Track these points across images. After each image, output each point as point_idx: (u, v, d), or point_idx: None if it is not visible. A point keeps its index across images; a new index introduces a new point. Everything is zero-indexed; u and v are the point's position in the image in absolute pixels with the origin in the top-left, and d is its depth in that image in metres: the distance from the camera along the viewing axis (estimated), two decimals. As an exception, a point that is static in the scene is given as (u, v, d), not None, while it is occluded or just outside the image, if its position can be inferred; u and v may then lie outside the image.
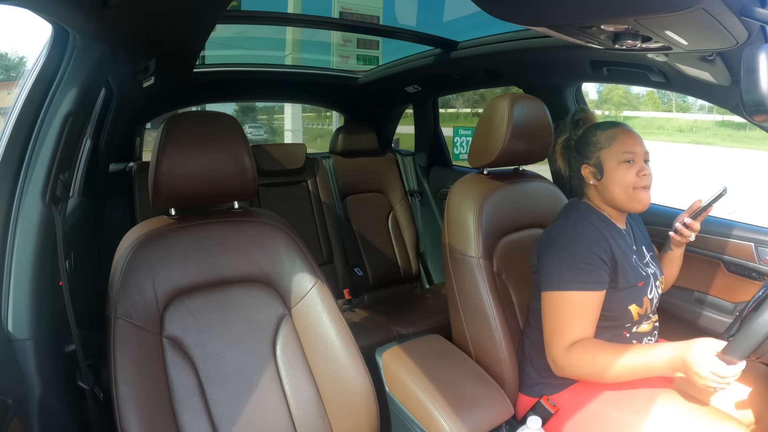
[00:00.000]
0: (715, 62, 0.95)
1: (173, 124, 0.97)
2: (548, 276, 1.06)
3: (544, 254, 1.09)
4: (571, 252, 1.04)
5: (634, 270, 1.08)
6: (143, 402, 0.84)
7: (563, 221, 1.11)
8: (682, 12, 0.60)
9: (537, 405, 1.14)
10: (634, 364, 0.95)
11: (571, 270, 1.03)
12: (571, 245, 1.04)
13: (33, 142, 0.88)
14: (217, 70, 2.07)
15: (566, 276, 1.03)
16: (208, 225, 1.03)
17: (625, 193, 1.07)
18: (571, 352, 1.01)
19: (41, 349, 0.87)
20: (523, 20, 0.81)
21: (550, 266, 1.06)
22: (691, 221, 1.14)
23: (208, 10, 1.06)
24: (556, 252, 1.06)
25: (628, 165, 1.07)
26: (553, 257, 1.06)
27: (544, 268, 1.07)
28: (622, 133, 1.09)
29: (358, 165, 2.40)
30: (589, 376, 1.01)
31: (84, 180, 1.53)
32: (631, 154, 1.07)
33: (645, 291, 1.09)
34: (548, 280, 1.06)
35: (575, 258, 1.03)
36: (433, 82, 2.20)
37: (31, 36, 0.96)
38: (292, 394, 1.00)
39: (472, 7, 0.80)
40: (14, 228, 0.86)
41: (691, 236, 1.16)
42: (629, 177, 1.06)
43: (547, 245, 1.09)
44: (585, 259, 1.03)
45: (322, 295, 1.04)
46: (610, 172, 1.08)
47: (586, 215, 1.10)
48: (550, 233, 1.11)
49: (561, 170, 1.23)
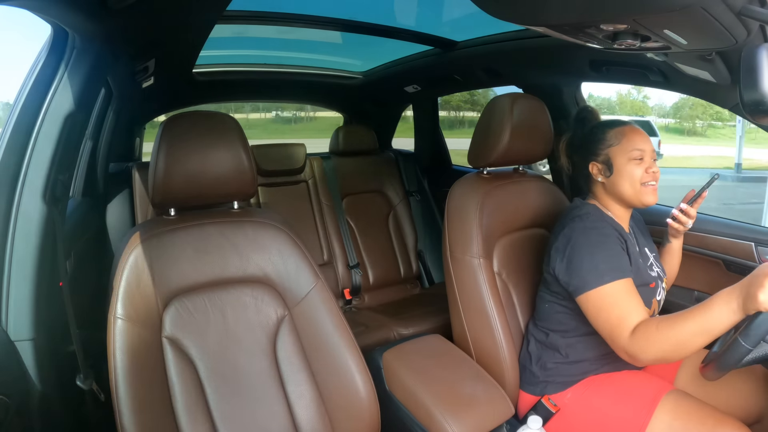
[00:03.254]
0: (715, 61, 0.95)
1: (173, 124, 0.97)
2: (582, 278, 1.02)
3: (570, 258, 1.04)
4: (595, 247, 1.02)
5: (644, 270, 1.09)
6: (143, 402, 0.84)
7: (576, 222, 1.08)
8: (681, 11, 0.60)
9: (538, 404, 1.14)
10: (696, 315, 0.86)
11: (604, 263, 1.01)
12: (593, 241, 1.03)
13: (33, 142, 0.88)
14: (216, 70, 2.07)
15: (601, 270, 1.00)
16: (207, 225, 1.03)
17: (633, 188, 1.08)
18: (635, 337, 0.94)
19: (41, 349, 0.87)
20: (522, 20, 0.81)
21: (580, 268, 1.02)
22: (687, 207, 1.15)
23: (208, 10, 1.06)
24: (580, 252, 1.03)
25: (638, 162, 1.08)
26: (580, 258, 1.03)
27: (576, 273, 1.03)
28: (631, 131, 1.10)
29: (358, 165, 2.39)
30: (665, 350, 0.91)
31: (84, 180, 1.53)
32: (640, 151, 1.08)
33: (654, 293, 1.10)
34: (583, 282, 1.02)
35: (602, 251, 1.02)
36: (433, 82, 2.20)
37: (31, 36, 0.96)
38: (293, 394, 1.00)
39: (471, 7, 0.80)
40: (14, 228, 0.86)
41: (688, 223, 1.17)
42: (638, 173, 1.08)
43: (565, 249, 1.06)
44: (611, 250, 1.03)
45: (322, 296, 1.04)
46: (620, 168, 1.09)
47: (596, 213, 1.10)
48: (565, 236, 1.07)
49: (563, 168, 1.23)
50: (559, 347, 1.14)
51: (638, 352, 0.94)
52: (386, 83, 2.38)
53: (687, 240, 1.32)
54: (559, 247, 1.08)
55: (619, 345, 0.97)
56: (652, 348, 0.91)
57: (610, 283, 0.99)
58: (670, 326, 0.89)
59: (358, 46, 2.08)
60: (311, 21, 1.67)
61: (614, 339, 0.98)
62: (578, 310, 1.07)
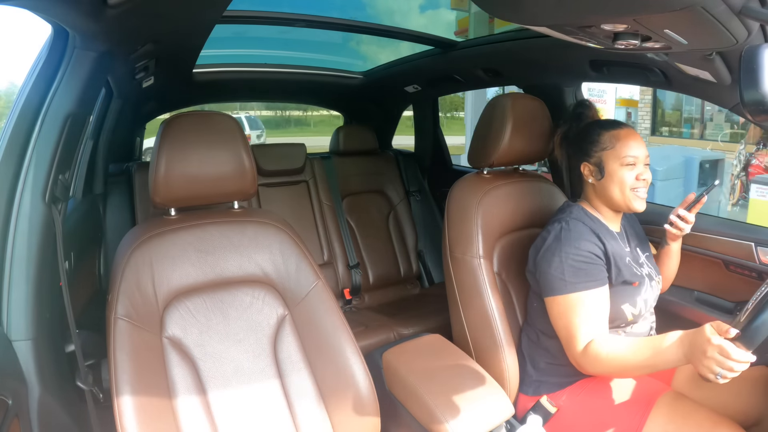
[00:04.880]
0: (715, 61, 0.95)
1: (173, 124, 0.97)
2: (550, 282, 1.05)
3: (542, 259, 1.08)
4: (567, 254, 1.04)
5: (628, 269, 1.08)
6: (143, 402, 0.84)
7: (556, 225, 1.10)
8: (682, 11, 0.60)
9: (537, 404, 1.14)
10: (645, 350, 0.93)
11: (572, 272, 1.03)
12: (567, 248, 1.04)
13: (33, 142, 0.88)
14: (216, 70, 2.07)
15: (568, 279, 1.03)
16: (208, 225, 1.03)
17: (622, 194, 1.08)
18: (587, 351, 1.00)
19: (41, 349, 0.87)
20: (522, 20, 0.81)
21: (549, 272, 1.05)
22: (685, 213, 1.14)
23: (208, 10, 1.06)
24: (552, 256, 1.05)
25: (630, 168, 1.07)
26: (550, 262, 1.05)
27: (544, 275, 1.07)
28: (626, 135, 1.09)
29: (358, 165, 2.39)
30: (610, 371, 1.00)
31: (84, 180, 1.53)
32: (633, 158, 1.07)
33: (639, 291, 1.09)
34: (551, 286, 1.05)
35: (573, 259, 1.03)
36: (433, 82, 2.20)
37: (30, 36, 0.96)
38: (293, 394, 1.00)
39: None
40: (14, 228, 0.86)
41: (686, 228, 1.16)
42: (629, 179, 1.07)
43: (542, 249, 1.09)
44: (583, 258, 1.03)
45: (323, 295, 1.04)
46: (611, 173, 1.09)
47: (578, 216, 1.11)
48: (544, 238, 1.10)
49: (558, 160, 1.24)
50: (548, 348, 1.15)
51: (587, 366, 1.01)
52: (386, 83, 2.38)
53: (687, 240, 1.32)
54: (537, 246, 1.11)
55: (571, 354, 1.04)
56: (599, 367, 1.00)
57: (575, 293, 1.02)
58: (620, 354, 0.96)
59: (358, 46, 2.08)
60: (311, 21, 1.67)
61: (568, 347, 1.05)
62: None
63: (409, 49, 1.99)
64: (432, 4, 5.58)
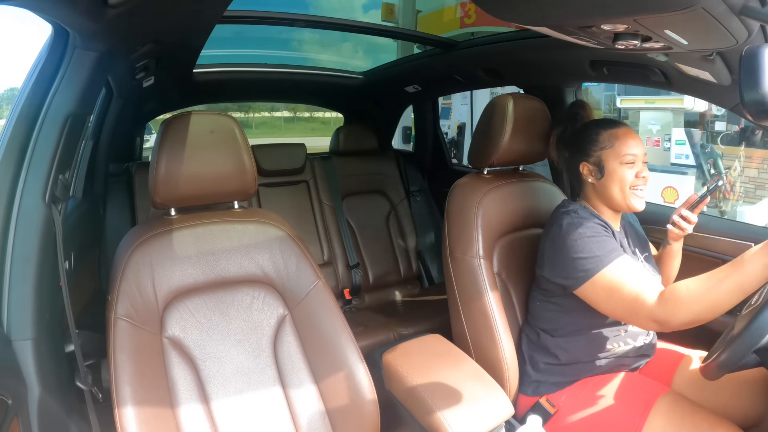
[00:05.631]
0: (715, 62, 0.95)
1: (173, 124, 0.97)
2: (581, 266, 1.01)
3: (561, 251, 1.05)
4: (586, 232, 1.03)
5: None
6: (143, 402, 0.84)
7: (564, 216, 1.09)
8: (682, 11, 0.60)
9: (536, 405, 1.14)
10: (726, 270, 0.85)
11: (598, 245, 1.01)
12: (583, 229, 1.03)
13: (33, 142, 0.87)
14: (217, 70, 2.07)
15: (598, 253, 1.00)
16: (208, 225, 1.03)
17: (622, 192, 1.08)
18: (664, 298, 0.91)
19: (41, 349, 0.87)
20: (522, 20, 0.81)
21: (575, 258, 1.02)
22: (687, 213, 1.14)
23: (208, 10, 1.06)
24: (574, 242, 1.03)
25: (629, 166, 1.07)
26: (572, 247, 1.03)
27: (571, 264, 1.03)
28: (624, 133, 1.09)
29: (358, 165, 2.39)
30: (698, 309, 0.87)
31: (84, 180, 1.53)
32: (633, 156, 1.07)
33: None
34: (584, 269, 1.01)
35: (594, 233, 1.02)
36: (433, 82, 2.20)
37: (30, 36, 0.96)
38: (293, 394, 1.00)
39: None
40: (14, 228, 0.86)
41: (688, 229, 1.16)
42: (629, 177, 1.07)
43: (558, 241, 1.06)
44: (602, 232, 1.03)
45: (323, 295, 1.04)
46: (611, 172, 1.08)
47: (582, 211, 1.10)
48: (554, 233, 1.08)
49: (554, 161, 1.24)
50: (549, 347, 1.14)
51: (668, 316, 0.90)
52: (387, 83, 2.38)
53: (687, 240, 1.32)
54: (549, 245, 1.09)
55: (643, 315, 0.94)
56: (683, 310, 0.88)
57: (612, 263, 0.99)
58: (701, 284, 0.87)
59: (358, 46, 2.08)
60: (311, 21, 1.67)
61: (636, 312, 0.95)
62: (567, 308, 1.08)
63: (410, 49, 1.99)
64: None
